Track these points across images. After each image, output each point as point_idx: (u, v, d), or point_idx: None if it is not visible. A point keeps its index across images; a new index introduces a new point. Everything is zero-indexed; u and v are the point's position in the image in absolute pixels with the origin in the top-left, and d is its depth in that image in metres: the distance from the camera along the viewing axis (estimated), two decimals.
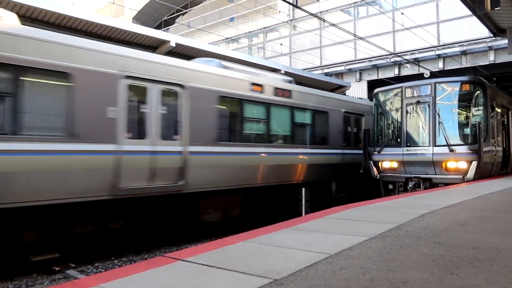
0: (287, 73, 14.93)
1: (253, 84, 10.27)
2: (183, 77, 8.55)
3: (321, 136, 12.70)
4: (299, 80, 15.57)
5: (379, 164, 12.08)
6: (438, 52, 22.26)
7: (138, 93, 7.84)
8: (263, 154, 10.48)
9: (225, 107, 9.62)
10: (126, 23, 11.64)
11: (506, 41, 15.01)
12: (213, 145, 9.09)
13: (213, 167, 9.13)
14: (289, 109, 11.35)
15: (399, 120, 11.79)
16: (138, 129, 7.78)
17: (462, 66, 21.93)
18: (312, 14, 13.76)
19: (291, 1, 15.18)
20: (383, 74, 24.94)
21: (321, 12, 27.82)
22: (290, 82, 11.96)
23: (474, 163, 10.44)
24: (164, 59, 8.57)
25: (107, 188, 7.24)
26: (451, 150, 10.63)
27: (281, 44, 29.92)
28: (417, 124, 11.52)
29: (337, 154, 13.11)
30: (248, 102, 10.10)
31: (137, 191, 7.71)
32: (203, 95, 8.90)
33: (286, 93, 11.27)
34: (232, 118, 9.92)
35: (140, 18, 39.24)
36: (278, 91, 10.98)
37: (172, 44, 11.52)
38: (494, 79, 22.58)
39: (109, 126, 7.27)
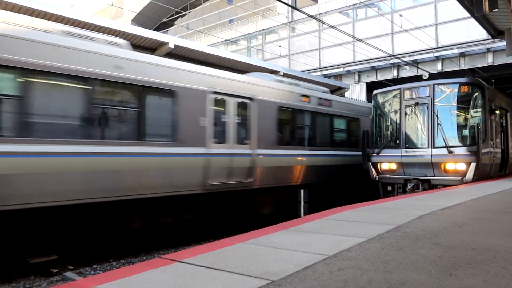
0: (285, 75, 14.94)
1: (302, 95, 11.90)
2: (252, 91, 10.17)
3: (355, 140, 14.08)
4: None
5: (378, 165, 12.07)
6: (436, 54, 22.30)
7: (220, 105, 9.42)
8: (319, 156, 12.27)
9: (282, 116, 11.17)
10: (125, 25, 11.63)
11: (504, 43, 15.05)
12: (274, 148, 10.72)
13: (274, 167, 10.72)
14: (330, 117, 13.00)
15: (398, 121, 11.79)
16: (220, 135, 9.32)
17: (461, 68, 21.98)
18: (311, 16, 13.76)
19: (290, 3, 15.19)
20: (381, 76, 24.97)
21: (320, 14, 27.86)
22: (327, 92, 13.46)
23: (473, 165, 10.43)
24: (239, 77, 10.12)
25: (200, 183, 8.79)
26: (450, 152, 10.63)
27: (280, 46, 29.92)
28: (416, 126, 11.52)
29: None
30: (299, 111, 11.74)
31: (219, 187, 9.27)
32: (266, 105, 10.57)
33: (327, 102, 12.98)
34: (287, 125, 11.53)
35: (139, 20, 39.28)
36: (321, 101, 12.69)
37: (171, 45, 11.51)
38: (493, 80, 22.66)
39: (201, 132, 8.81)
